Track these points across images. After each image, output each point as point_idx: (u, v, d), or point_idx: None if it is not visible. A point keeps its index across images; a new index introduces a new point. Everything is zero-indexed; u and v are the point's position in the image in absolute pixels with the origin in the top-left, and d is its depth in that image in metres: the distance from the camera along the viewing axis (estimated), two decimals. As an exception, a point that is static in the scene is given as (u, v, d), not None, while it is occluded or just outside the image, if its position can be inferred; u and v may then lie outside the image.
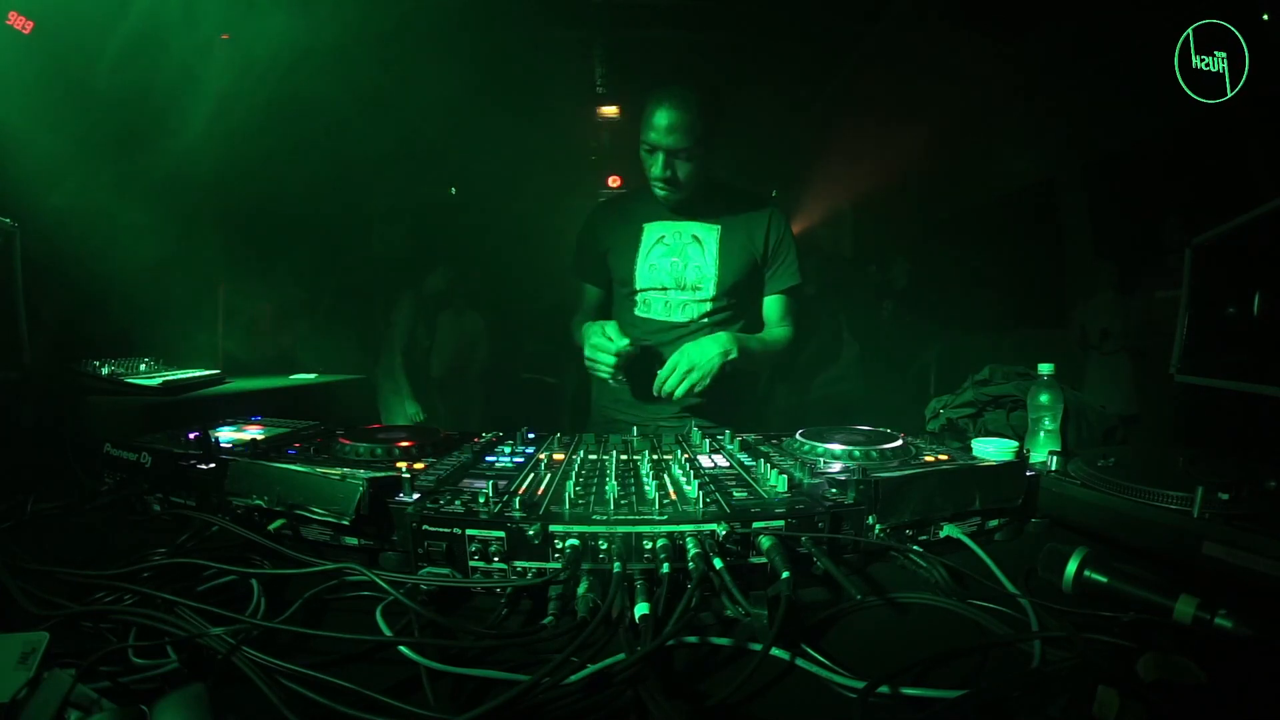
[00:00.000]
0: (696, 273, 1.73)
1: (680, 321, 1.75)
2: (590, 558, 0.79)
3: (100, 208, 1.95)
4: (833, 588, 0.81)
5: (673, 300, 1.75)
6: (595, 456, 1.18)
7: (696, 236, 1.74)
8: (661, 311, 1.77)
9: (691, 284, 1.73)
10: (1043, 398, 1.32)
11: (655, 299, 1.76)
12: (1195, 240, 1.68)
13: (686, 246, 1.73)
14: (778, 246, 1.75)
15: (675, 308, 1.75)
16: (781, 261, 1.76)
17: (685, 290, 1.74)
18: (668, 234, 1.75)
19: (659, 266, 1.74)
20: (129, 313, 2.02)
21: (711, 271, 1.72)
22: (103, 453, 1.19)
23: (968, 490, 0.97)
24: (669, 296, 1.75)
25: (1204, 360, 1.61)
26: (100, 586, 0.75)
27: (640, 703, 0.56)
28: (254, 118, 2.88)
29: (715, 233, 1.73)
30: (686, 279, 1.73)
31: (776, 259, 1.76)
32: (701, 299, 1.74)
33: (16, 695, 0.51)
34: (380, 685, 0.58)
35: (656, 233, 1.75)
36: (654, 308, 1.77)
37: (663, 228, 1.75)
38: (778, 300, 1.79)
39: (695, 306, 1.74)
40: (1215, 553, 0.79)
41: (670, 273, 1.74)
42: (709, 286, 1.73)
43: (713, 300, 1.73)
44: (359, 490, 0.86)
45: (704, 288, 1.73)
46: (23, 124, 1.78)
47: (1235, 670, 0.58)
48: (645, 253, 1.75)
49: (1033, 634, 0.66)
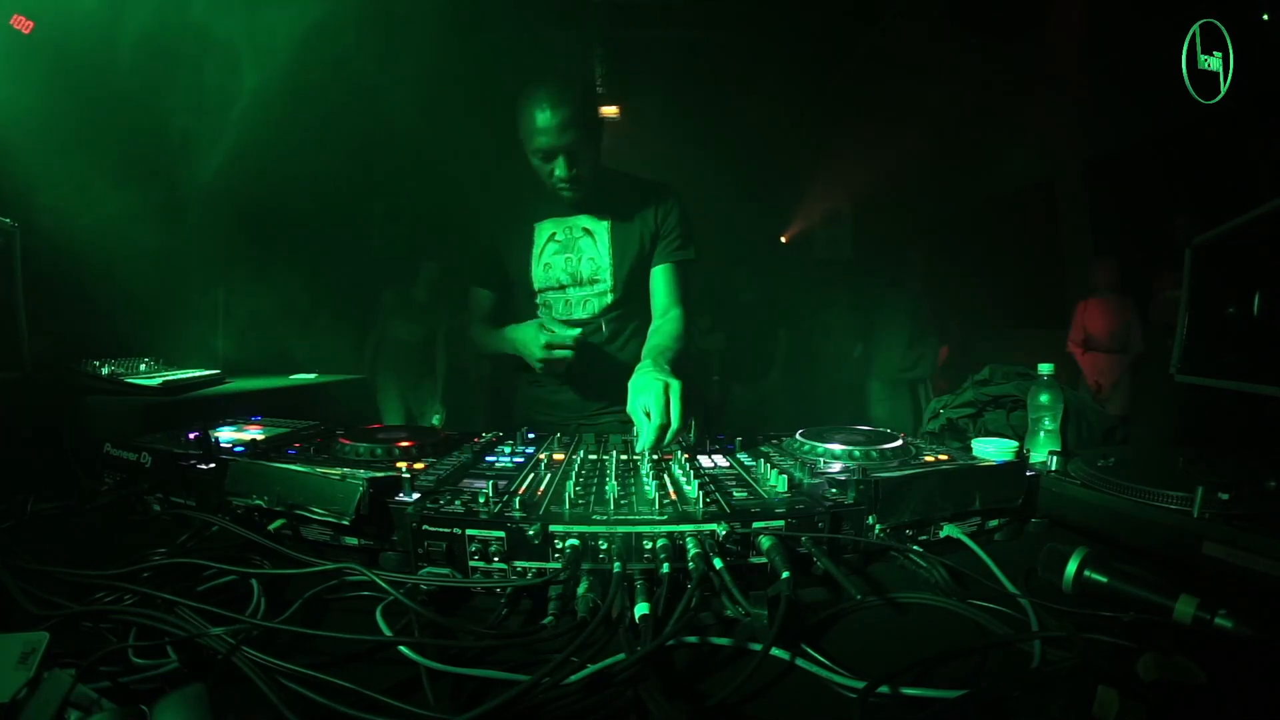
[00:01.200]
0: (591, 265, 1.69)
1: (583, 318, 1.71)
2: (590, 558, 0.79)
3: (100, 208, 1.95)
4: (833, 588, 0.81)
5: (572, 297, 1.72)
6: (595, 456, 1.18)
7: (587, 229, 1.70)
8: (562, 310, 1.73)
9: (588, 278, 1.70)
10: (1043, 398, 1.32)
11: (555, 298, 1.73)
12: (1195, 240, 1.68)
13: (578, 240, 1.69)
14: (666, 219, 1.70)
15: (576, 305, 1.72)
16: (669, 234, 1.70)
17: (583, 285, 1.70)
18: (559, 230, 1.71)
19: (553, 265, 1.70)
20: (129, 313, 2.02)
21: (606, 262, 1.68)
22: (103, 453, 1.19)
23: (968, 490, 0.97)
24: (568, 294, 1.72)
25: (1204, 360, 1.61)
26: (100, 586, 0.75)
27: (640, 703, 0.56)
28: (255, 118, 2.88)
29: (606, 224, 1.70)
30: (582, 273, 1.69)
31: (664, 232, 1.70)
32: (601, 292, 1.70)
33: (16, 695, 0.51)
34: (380, 685, 0.58)
35: (548, 231, 1.72)
36: (555, 308, 1.73)
37: (553, 225, 1.71)
38: (664, 272, 1.70)
39: (596, 301, 1.71)
40: (1215, 553, 0.79)
41: (565, 269, 1.70)
42: (605, 278, 1.69)
43: (612, 292, 1.70)
44: (359, 490, 0.86)
45: (601, 280, 1.69)
46: (23, 124, 1.78)
47: (1235, 670, 0.58)
48: (538, 253, 1.72)
49: (1033, 634, 0.66)
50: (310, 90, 3.04)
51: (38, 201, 1.76)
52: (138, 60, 2.11)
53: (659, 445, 1.13)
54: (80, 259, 1.84)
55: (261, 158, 2.98)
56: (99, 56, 1.99)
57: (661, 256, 1.71)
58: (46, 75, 1.86)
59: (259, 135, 2.95)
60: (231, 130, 2.76)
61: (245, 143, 2.85)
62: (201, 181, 2.59)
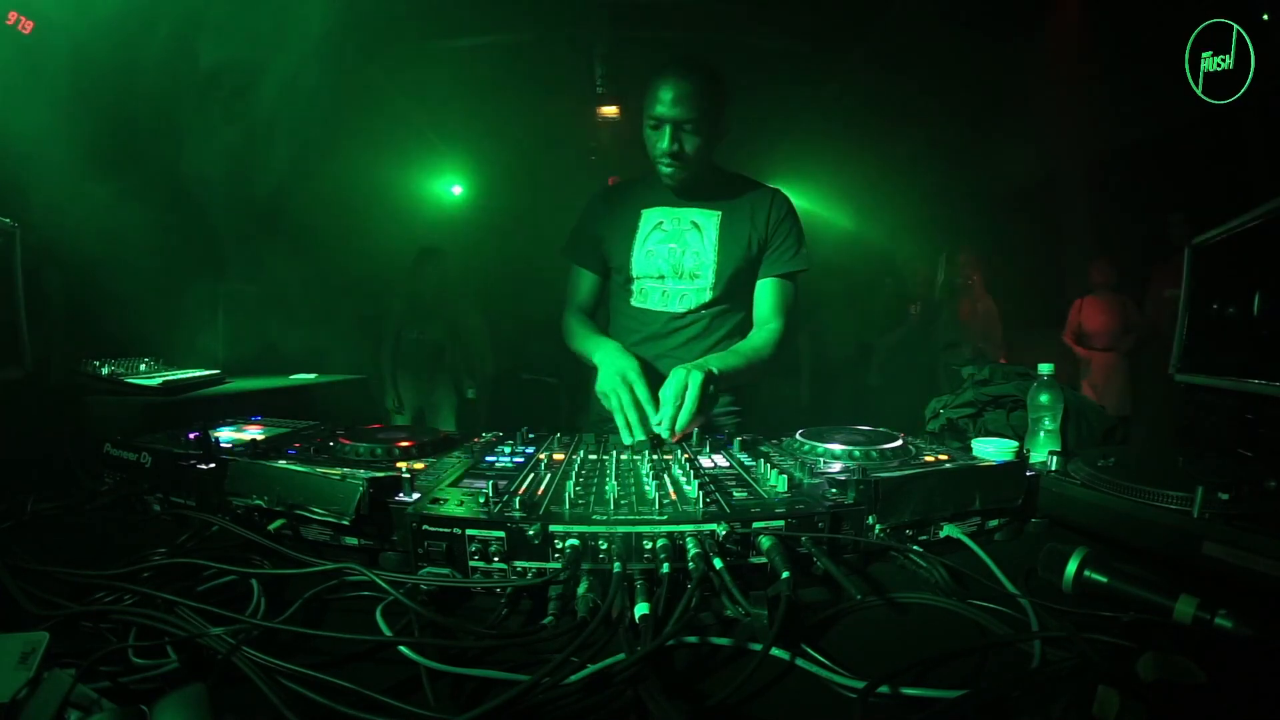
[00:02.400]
0: (695, 259, 1.66)
1: (678, 312, 1.69)
2: (590, 558, 0.79)
3: (101, 208, 1.95)
4: (833, 588, 0.81)
5: (670, 290, 1.69)
6: (595, 456, 1.18)
7: (695, 222, 1.67)
8: (658, 302, 1.70)
9: (690, 271, 1.67)
10: (1043, 398, 1.32)
11: (652, 288, 1.70)
12: (1195, 240, 1.68)
13: (685, 232, 1.67)
14: (778, 226, 1.67)
15: (673, 297, 1.69)
16: (781, 243, 1.67)
17: (683, 279, 1.67)
18: (666, 219, 1.69)
19: (656, 253, 1.68)
20: (129, 313, 2.02)
21: (710, 258, 1.66)
22: (103, 453, 1.19)
23: (968, 490, 0.97)
24: (666, 285, 1.69)
25: (1203, 360, 1.61)
26: (100, 586, 0.75)
27: (640, 703, 0.56)
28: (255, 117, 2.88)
29: (715, 218, 1.67)
30: (684, 266, 1.67)
31: (775, 240, 1.67)
32: (700, 288, 1.67)
33: (16, 695, 0.51)
34: (380, 685, 0.58)
35: (654, 218, 1.69)
36: (650, 298, 1.70)
37: (661, 213, 1.69)
38: (771, 286, 1.67)
39: (694, 296, 1.68)
40: (1215, 553, 0.79)
41: (668, 259, 1.67)
42: (708, 274, 1.66)
43: (712, 289, 1.67)
44: (359, 490, 0.86)
45: (703, 275, 1.67)
46: (23, 124, 1.78)
47: (1235, 670, 0.58)
48: (642, 239, 1.69)
49: (1033, 634, 0.66)
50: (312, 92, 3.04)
51: (37, 201, 1.76)
52: (139, 61, 2.11)
53: (671, 429, 1.20)
54: (80, 259, 1.84)
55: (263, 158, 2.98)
56: (99, 56, 1.99)
57: (771, 267, 1.68)
58: (46, 75, 1.86)
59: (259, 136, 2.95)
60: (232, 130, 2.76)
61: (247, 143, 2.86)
62: (203, 181, 2.59)
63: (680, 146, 1.54)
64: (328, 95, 3.27)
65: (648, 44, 4.67)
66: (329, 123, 3.62)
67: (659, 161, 1.58)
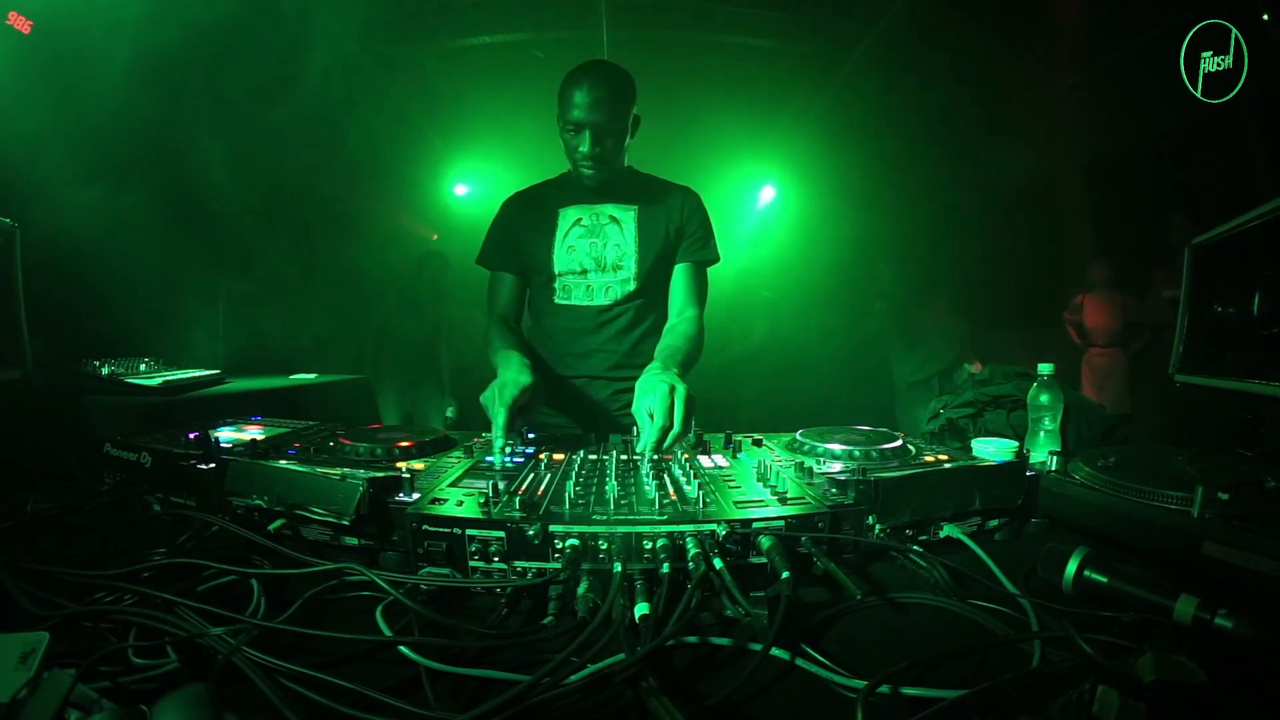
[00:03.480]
0: (616, 251, 1.69)
1: (604, 305, 1.71)
2: (590, 558, 0.79)
3: (101, 207, 1.95)
4: (833, 588, 0.81)
5: (594, 283, 1.71)
6: (595, 456, 1.18)
7: (614, 217, 1.71)
8: (583, 296, 1.72)
9: (612, 263, 1.69)
10: (1043, 398, 1.32)
11: (575, 283, 1.72)
12: (1195, 240, 1.68)
13: (604, 227, 1.70)
14: (691, 217, 1.71)
15: (597, 290, 1.71)
16: (694, 232, 1.71)
17: (606, 271, 1.70)
18: (584, 216, 1.72)
19: (577, 248, 1.70)
20: (129, 313, 2.03)
21: (631, 249, 1.69)
22: (103, 453, 1.19)
23: (968, 490, 0.97)
24: (590, 279, 1.71)
25: (1204, 360, 1.61)
26: (100, 586, 0.75)
27: (640, 703, 0.56)
28: (255, 118, 2.88)
29: (633, 211, 1.71)
30: (607, 258, 1.69)
31: (689, 229, 1.71)
32: (624, 279, 1.70)
33: (16, 695, 0.51)
34: (380, 685, 0.58)
35: (573, 216, 1.72)
36: (575, 293, 1.72)
37: (579, 211, 1.72)
38: (686, 271, 1.71)
39: (618, 287, 1.70)
40: (1215, 553, 0.79)
41: (590, 253, 1.69)
42: (630, 265, 1.69)
43: (635, 279, 1.70)
44: (359, 490, 0.86)
45: (625, 266, 1.69)
46: (23, 124, 1.78)
47: (1235, 670, 0.58)
48: (562, 235, 1.71)
49: (1033, 634, 0.67)
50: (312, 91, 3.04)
51: (37, 201, 1.76)
52: (139, 61, 2.11)
53: (659, 447, 1.12)
54: (80, 259, 1.84)
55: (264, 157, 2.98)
56: (99, 56, 1.99)
57: (684, 255, 1.72)
58: (47, 75, 1.86)
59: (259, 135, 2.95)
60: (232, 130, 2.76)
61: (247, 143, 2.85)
62: (203, 182, 2.59)
63: (601, 149, 1.58)
64: (329, 96, 3.27)
65: (648, 44, 4.67)
66: (330, 123, 3.62)
67: (580, 164, 1.62)
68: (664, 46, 4.62)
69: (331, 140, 3.85)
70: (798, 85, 5.42)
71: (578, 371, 1.74)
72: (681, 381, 1.20)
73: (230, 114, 2.75)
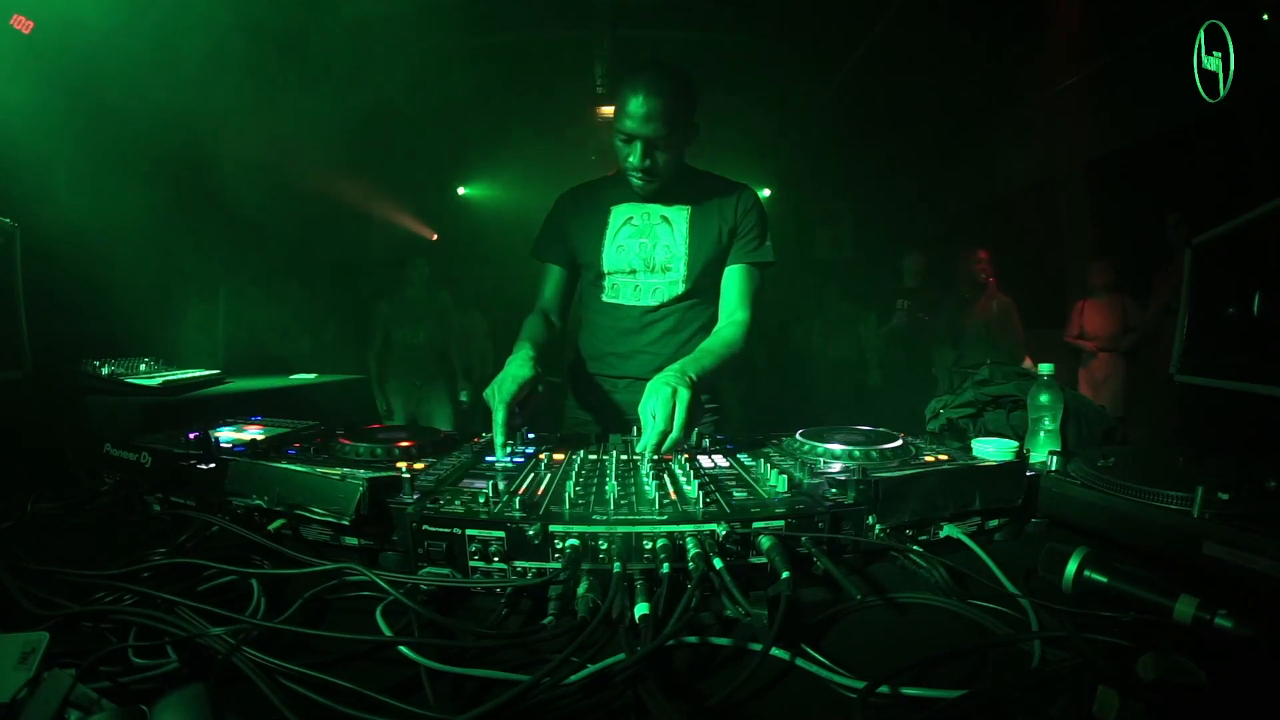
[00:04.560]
0: (666, 253, 1.66)
1: (651, 305, 1.68)
2: (590, 558, 0.79)
3: (101, 208, 1.95)
4: (833, 588, 0.81)
5: (642, 284, 1.69)
6: (595, 456, 1.18)
7: (665, 217, 1.68)
8: (630, 296, 1.69)
9: (661, 265, 1.67)
10: (1043, 398, 1.32)
11: (624, 283, 1.70)
12: (1195, 240, 1.68)
13: (655, 226, 1.67)
14: (746, 216, 1.66)
15: (645, 291, 1.68)
16: (748, 232, 1.66)
17: (655, 272, 1.67)
18: (635, 215, 1.69)
19: (627, 248, 1.67)
20: (129, 313, 2.02)
21: (682, 251, 1.66)
22: (103, 453, 1.19)
23: (968, 490, 0.97)
24: (638, 280, 1.69)
25: (1204, 360, 1.61)
26: (100, 586, 0.75)
27: (640, 703, 0.56)
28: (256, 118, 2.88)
29: (685, 212, 1.67)
30: (656, 259, 1.66)
31: (743, 229, 1.66)
32: (672, 281, 1.67)
33: (16, 695, 0.51)
34: (380, 685, 0.58)
35: (624, 214, 1.69)
36: (622, 293, 1.70)
37: (630, 209, 1.70)
38: (739, 272, 1.66)
39: (666, 289, 1.68)
40: (1215, 553, 0.79)
41: (639, 254, 1.67)
42: (679, 267, 1.66)
43: (684, 282, 1.67)
44: (359, 490, 0.86)
45: (674, 269, 1.67)
46: (24, 124, 1.78)
47: (1235, 670, 0.58)
48: (612, 234, 1.69)
49: (1033, 634, 0.66)
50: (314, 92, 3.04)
51: (38, 201, 1.76)
52: (140, 61, 2.11)
53: (658, 449, 1.12)
54: (80, 259, 1.84)
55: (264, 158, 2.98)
56: (99, 57, 1.99)
57: (737, 256, 1.67)
58: (47, 75, 1.86)
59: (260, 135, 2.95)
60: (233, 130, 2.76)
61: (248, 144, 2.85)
62: (203, 182, 2.59)
63: (652, 162, 1.54)
64: (330, 96, 3.27)
65: (648, 44, 4.68)
66: (331, 123, 3.62)
67: (630, 173, 1.58)
68: (664, 47, 4.61)
69: (331, 140, 3.85)
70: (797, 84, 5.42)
71: (620, 372, 1.72)
72: (688, 387, 1.18)
73: (230, 114, 2.75)
